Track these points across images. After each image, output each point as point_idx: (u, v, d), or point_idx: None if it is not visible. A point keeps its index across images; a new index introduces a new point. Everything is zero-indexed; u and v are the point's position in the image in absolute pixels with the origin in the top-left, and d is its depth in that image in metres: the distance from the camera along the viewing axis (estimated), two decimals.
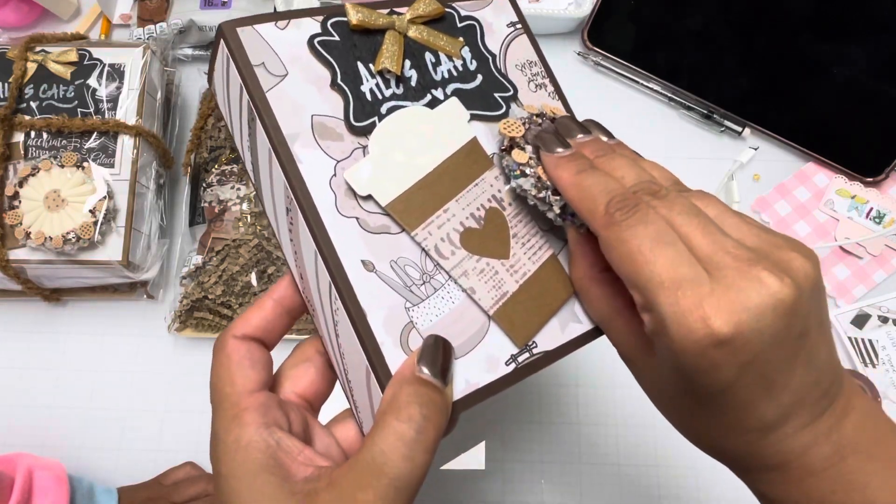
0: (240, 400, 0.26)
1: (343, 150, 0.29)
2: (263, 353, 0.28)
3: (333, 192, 0.28)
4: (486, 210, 0.31)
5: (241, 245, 0.54)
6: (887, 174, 0.60)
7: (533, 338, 0.30)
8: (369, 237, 0.28)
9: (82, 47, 0.54)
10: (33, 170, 0.50)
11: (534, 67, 0.34)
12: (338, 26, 0.30)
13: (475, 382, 0.28)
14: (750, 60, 0.62)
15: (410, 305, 0.28)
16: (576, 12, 0.61)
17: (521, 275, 0.30)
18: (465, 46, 0.33)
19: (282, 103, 0.28)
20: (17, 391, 0.56)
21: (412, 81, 0.31)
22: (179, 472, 0.52)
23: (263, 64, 0.28)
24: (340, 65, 0.30)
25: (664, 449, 0.54)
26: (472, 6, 0.35)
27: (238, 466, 0.24)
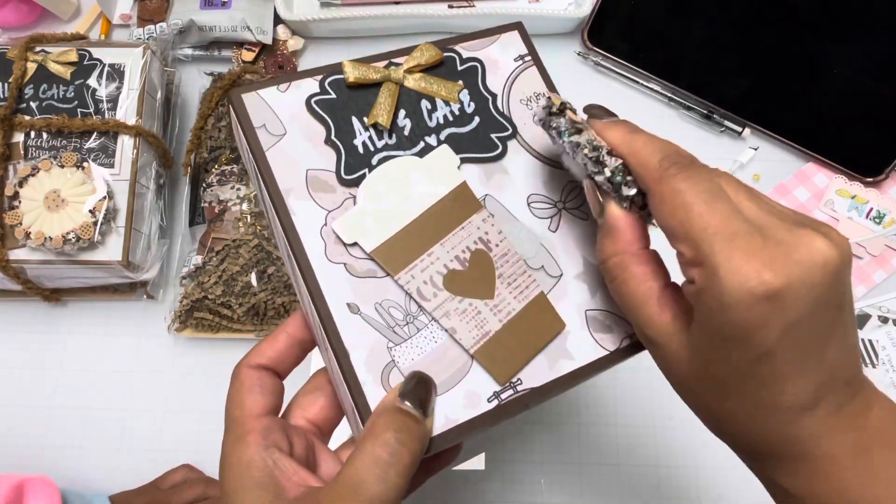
0: (245, 422, 0.28)
1: (334, 201, 0.31)
2: (274, 381, 0.31)
3: (323, 240, 0.31)
4: (471, 252, 0.32)
5: (241, 245, 0.54)
6: (887, 174, 0.60)
7: (517, 375, 0.31)
8: (356, 281, 0.31)
9: (82, 47, 0.54)
10: (33, 170, 0.50)
11: (540, 100, 0.35)
12: (335, 84, 0.33)
13: (455, 419, 0.29)
14: (750, 60, 0.62)
15: (393, 345, 0.30)
16: (576, 12, 0.61)
17: (506, 314, 0.32)
18: (464, 90, 0.35)
19: (279, 160, 0.31)
20: (17, 391, 0.56)
21: (406, 130, 0.33)
22: (177, 474, 0.52)
23: (265, 125, 0.32)
24: (335, 121, 0.32)
25: (664, 449, 0.54)
26: (476, 45, 0.36)
27: (238, 482, 0.27)
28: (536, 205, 0.34)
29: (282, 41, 0.64)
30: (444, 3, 0.62)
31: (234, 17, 0.60)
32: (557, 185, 0.35)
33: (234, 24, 0.60)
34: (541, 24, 0.63)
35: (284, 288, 0.54)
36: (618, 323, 0.33)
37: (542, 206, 0.34)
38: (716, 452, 0.54)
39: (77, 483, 0.54)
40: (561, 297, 0.33)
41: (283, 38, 0.64)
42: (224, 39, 0.62)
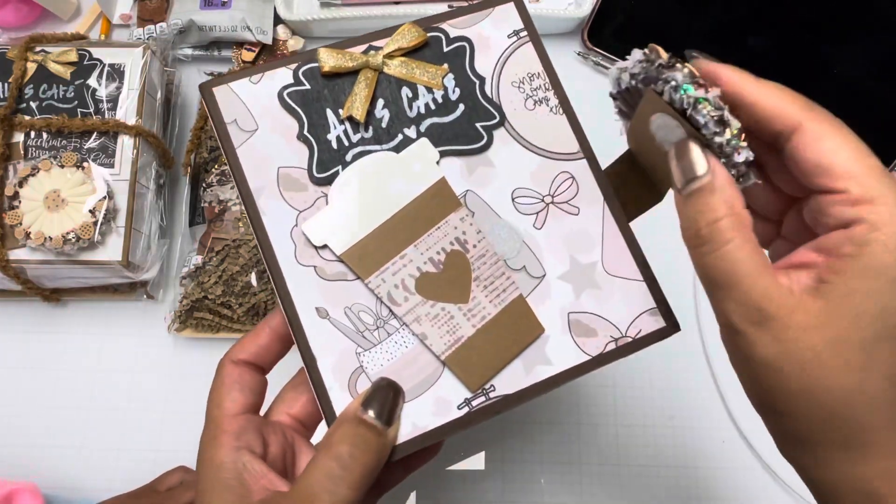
0: (221, 422, 0.29)
1: (306, 200, 0.30)
2: (254, 378, 0.31)
3: (294, 242, 0.30)
4: (447, 253, 0.31)
5: (241, 245, 0.54)
6: None
7: (490, 381, 0.30)
8: (325, 285, 0.30)
9: (82, 47, 0.54)
10: (33, 170, 0.50)
11: (535, 80, 0.33)
12: (310, 74, 0.31)
13: (423, 426, 0.29)
14: (750, 60, 0.62)
15: (362, 350, 0.29)
16: (576, 12, 0.61)
17: (480, 319, 0.30)
18: (449, 73, 0.33)
19: (250, 158, 0.30)
20: (17, 391, 0.56)
21: (383, 122, 0.31)
22: (173, 477, 0.51)
23: (235, 121, 0.30)
24: (308, 114, 0.31)
25: (664, 449, 0.54)
26: (465, 22, 0.33)
27: (209, 483, 0.28)
28: (522, 199, 0.32)
29: (282, 41, 0.64)
30: (444, 3, 0.62)
31: (234, 17, 0.60)
32: (547, 176, 0.33)
33: (234, 24, 0.60)
34: (541, 24, 0.62)
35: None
36: (602, 326, 0.31)
37: (528, 201, 0.32)
38: (716, 452, 0.54)
39: (77, 483, 0.54)
40: (543, 298, 0.31)
41: (283, 38, 0.64)
42: (224, 39, 0.62)
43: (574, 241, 0.32)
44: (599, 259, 0.32)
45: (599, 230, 0.32)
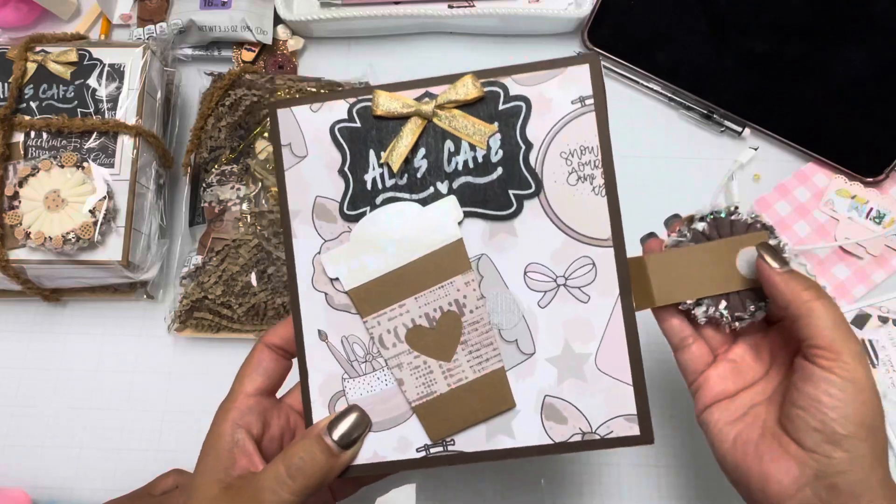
0: (235, 398, 0.33)
1: (333, 231, 0.32)
2: (278, 363, 0.34)
3: (314, 266, 0.32)
4: (442, 312, 0.32)
5: (241, 245, 0.54)
6: (887, 174, 0.60)
7: (451, 437, 0.32)
8: (331, 312, 0.32)
9: (82, 47, 0.54)
10: (33, 170, 0.50)
11: (586, 155, 0.33)
12: (363, 112, 0.32)
13: (382, 456, 0.32)
14: (750, 60, 0.62)
15: (347, 378, 0.32)
16: (576, 12, 0.61)
17: (457, 380, 0.32)
18: (497, 134, 0.32)
19: (295, 182, 0.32)
20: (17, 391, 0.56)
21: (419, 172, 0.32)
22: (167, 480, 0.51)
23: (290, 145, 0.33)
24: (352, 152, 0.32)
25: (664, 449, 0.54)
26: (530, 79, 0.32)
27: (208, 446, 0.33)
28: (534, 275, 0.32)
29: (282, 41, 0.64)
30: (444, 3, 0.62)
31: (234, 17, 0.60)
32: (567, 256, 0.32)
33: (234, 24, 0.60)
34: (541, 25, 0.63)
35: (284, 288, 0.53)
36: (575, 416, 0.32)
37: (541, 278, 0.32)
38: None
39: (76, 483, 0.54)
40: (524, 375, 0.32)
41: (283, 38, 0.64)
42: (224, 39, 0.62)
43: (574, 328, 0.32)
44: (594, 352, 0.32)
45: (604, 323, 0.32)
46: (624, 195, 0.61)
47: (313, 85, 0.58)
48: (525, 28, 0.64)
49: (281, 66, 0.63)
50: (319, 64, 0.64)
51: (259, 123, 0.57)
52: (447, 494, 0.53)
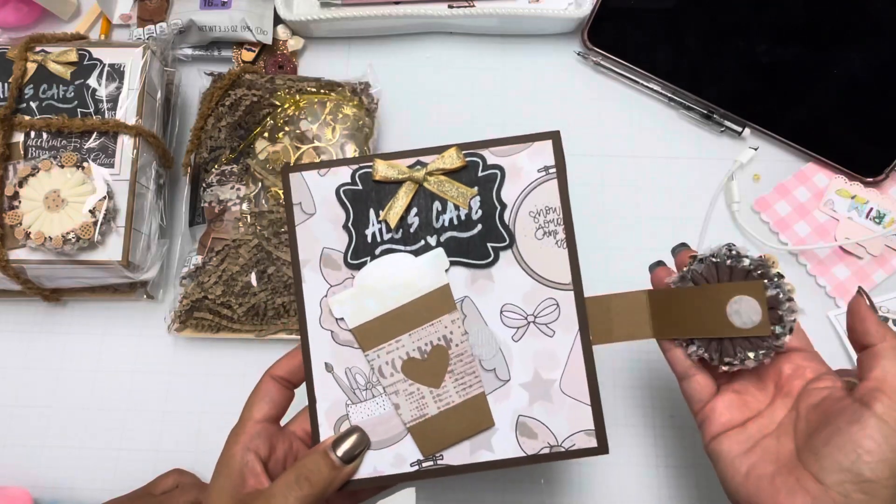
0: (246, 424, 0.37)
1: (338, 277, 0.38)
2: (282, 393, 0.38)
3: (321, 308, 0.38)
4: (433, 346, 0.37)
5: (241, 245, 0.54)
6: (887, 174, 0.60)
7: (440, 452, 0.37)
8: (336, 347, 0.38)
9: (82, 47, 0.54)
10: (33, 170, 0.50)
11: (550, 214, 0.38)
12: (364, 177, 0.38)
13: (380, 470, 0.37)
14: (750, 60, 0.62)
15: (350, 403, 0.37)
16: (576, 12, 0.61)
17: (445, 403, 0.37)
18: (477, 196, 0.38)
19: (305, 235, 0.38)
20: (17, 391, 0.56)
21: (412, 228, 0.38)
22: (168, 480, 0.51)
23: (300, 203, 0.38)
24: (355, 210, 0.38)
25: (664, 449, 0.54)
26: (504, 151, 0.38)
27: (221, 466, 0.36)
28: (509, 314, 0.38)
29: (282, 41, 0.64)
30: (444, 3, 0.62)
31: (234, 17, 0.60)
32: (536, 298, 0.38)
33: (233, 24, 0.60)
34: (541, 24, 0.63)
35: (284, 288, 0.54)
36: (544, 433, 0.37)
37: (514, 317, 0.38)
38: None
39: (76, 483, 0.54)
40: (502, 398, 0.37)
41: (283, 38, 0.64)
42: (224, 39, 0.62)
43: (542, 359, 0.38)
44: (559, 378, 0.38)
45: (566, 354, 0.38)
46: (624, 195, 0.61)
47: (313, 85, 0.58)
48: (525, 28, 0.64)
49: (281, 66, 0.63)
50: (319, 64, 0.64)
51: (259, 123, 0.57)
52: (447, 495, 0.53)
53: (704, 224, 0.60)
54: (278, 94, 0.58)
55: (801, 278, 0.59)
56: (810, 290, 0.59)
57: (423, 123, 0.63)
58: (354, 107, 0.58)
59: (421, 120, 0.63)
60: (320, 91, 0.58)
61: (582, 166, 0.61)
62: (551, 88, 0.64)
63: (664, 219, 0.60)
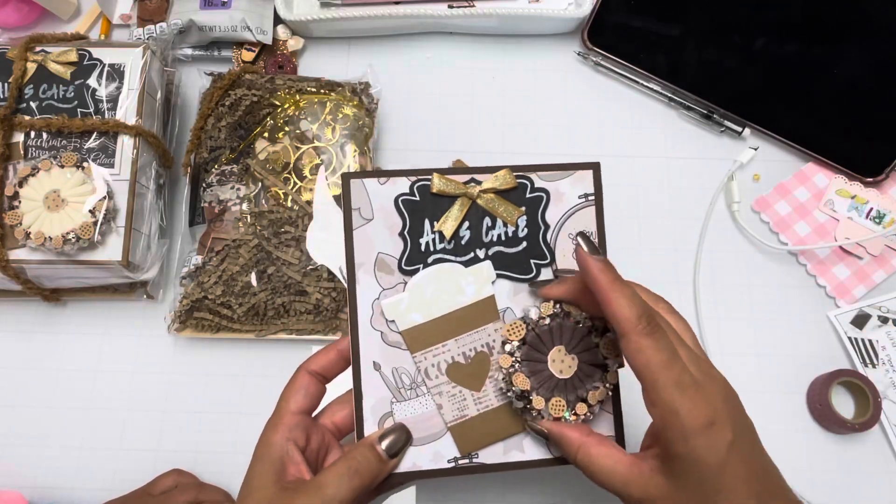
0: (283, 414, 0.38)
1: (391, 282, 0.39)
2: (317, 386, 0.40)
3: (373, 310, 0.39)
4: (476, 352, 0.40)
5: (241, 245, 0.54)
6: (887, 174, 0.60)
7: (476, 451, 0.39)
8: (385, 347, 0.39)
9: (82, 47, 0.54)
10: (33, 170, 0.50)
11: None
12: (422, 189, 0.40)
13: (419, 466, 0.39)
14: (750, 60, 0.62)
15: (395, 401, 0.39)
16: (576, 12, 0.61)
17: (484, 406, 0.39)
18: (524, 216, 0.40)
19: (361, 239, 0.39)
20: (17, 391, 0.56)
21: (464, 240, 0.40)
22: (167, 480, 0.51)
23: (359, 209, 0.40)
24: (411, 220, 0.40)
25: None
26: (550, 176, 0.41)
27: (260, 454, 0.37)
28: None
29: (282, 41, 0.64)
30: (444, 3, 0.62)
31: (234, 17, 0.60)
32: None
33: (233, 24, 0.60)
34: (541, 25, 0.63)
35: (284, 288, 0.54)
36: None
37: None
38: None
39: (76, 483, 0.54)
40: None
41: (283, 38, 0.64)
42: (224, 39, 0.62)
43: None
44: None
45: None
46: (624, 195, 0.61)
47: (313, 85, 0.58)
48: (525, 28, 0.64)
49: (281, 66, 0.63)
50: (319, 64, 0.64)
51: (259, 123, 0.57)
52: (448, 495, 0.53)
53: (704, 224, 0.60)
54: (278, 94, 0.58)
55: (801, 278, 0.59)
56: (810, 290, 0.59)
57: (423, 123, 0.63)
58: (354, 107, 0.58)
59: (421, 120, 0.63)
60: (320, 91, 0.58)
61: None
62: (551, 88, 0.64)
63: (664, 219, 0.60)
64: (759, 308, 0.58)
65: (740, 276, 0.59)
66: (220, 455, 0.54)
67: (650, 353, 0.32)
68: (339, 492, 0.35)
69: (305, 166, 0.56)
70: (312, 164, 0.56)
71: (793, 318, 0.58)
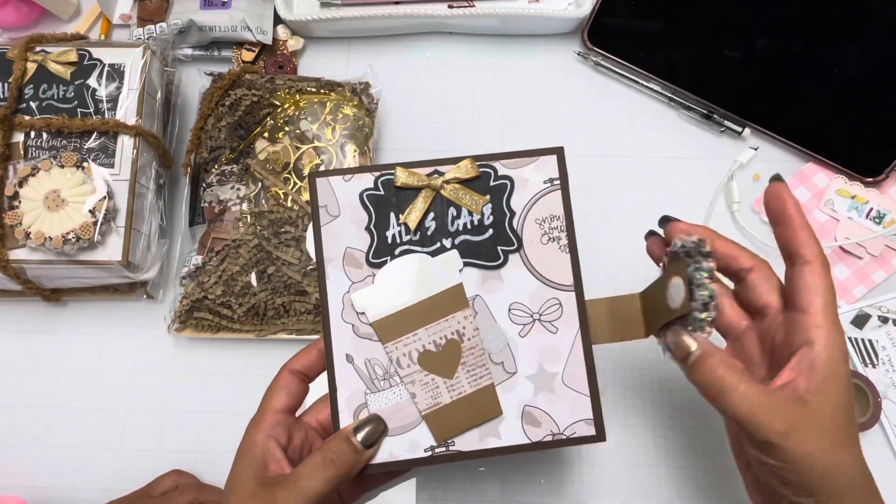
0: (266, 413, 0.39)
1: (360, 275, 0.40)
2: (299, 386, 0.41)
3: (343, 304, 0.40)
4: (447, 340, 0.40)
5: (241, 245, 0.54)
6: (887, 174, 0.60)
7: (452, 438, 0.40)
8: (357, 339, 0.40)
9: (82, 47, 0.54)
10: (33, 170, 0.50)
11: (554, 221, 0.41)
12: (385, 183, 0.41)
13: (396, 455, 0.39)
14: (750, 60, 0.62)
15: (369, 392, 0.40)
16: (576, 12, 0.61)
17: (457, 393, 0.40)
18: (489, 204, 0.41)
19: (329, 235, 0.40)
20: (17, 391, 0.56)
21: (429, 231, 0.41)
22: (167, 480, 0.51)
23: (326, 206, 0.41)
24: (377, 213, 0.41)
25: (664, 449, 0.54)
26: (513, 164, 0.41)
27: (242, 453, 0.38)
28: (516, 312, 0.41)
29: (282, 41, 0.64)
30: (444, 3, 0.62)
31: (234, 17, 0.60)
32: (540, 298, 0.41)
33: (233, 24, 0.61)
34: (541, 24, 0.63)
35: (284, 288, 0.54)
36: (547, 421, 0.40)
37: (521, 314, 0.41)
38: (715, 453, 0.54)
39: (77, 483, 0.54)
40: (509, 389, 0.40)
41: (283, 38, 0.64)
42: (224, 39, 0.62)
43: (546, 353, 0.41)
44: (561, 371, 0.40)
45: (568, 349, 0.41)
46: (624, 195, 0.61)
47: (313, 85, 0.58)
48: (525, 28, 0.64)
49: (281, 66, 0.63)
50: (319, 64, 0.64)
51: (259, 123, 0.57)
52: (448, 495, 0.53)
53: (705, 224, 0.60)
54: (278, 94, 0.58)
55: None
56: None
57: (422, 123, 0.63)
58: (354, 107, 0.58)
59: (421, 120, 0.63)
60: (320, 91, 0.58)
61: (582, 166, 0.61)
62: (551, 88, 0.64)
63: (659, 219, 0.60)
64: None
65: None
66: (220, 455, 0.54)
67: (829, 283, 0.36)
68: (314, 483, 0.36)
69: (305, 166, 0.56)
70: (312, 164, 0.56)
71: None
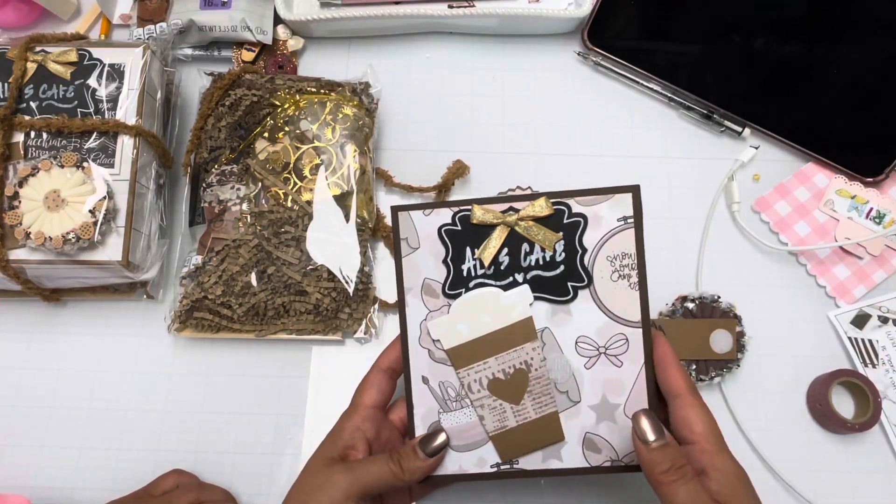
0: (357, 408, 0.44)
1: (436, 304, 0.43)
2: (388, 383, 0.45)
3: (421, 330, 0.44)
4: (515, 369, 0.43)
5: (241, 245, 0.54)
6: (887, 174, 0.60)
7: (517, 458, 0.43)
8: (432, 363, 0.44)
9: (82, 47, 0.54)
10: (33, 170, 0.50)
11: (625, 259, 0.42)
12: (463, 219, 0.43)
13: (465, 469, 0.43)
14: (750, 60, 0.62)
15: (442, 412, 0.44)
16: (576, 12, 0.61)
17: (523, 418, 0.43)
18: (561, 241, 0.42)
19: (409, 266, 0.44)
20: (17, 391, 0.56)
21: (503, 266, 0.43)
22: (168, 480, 0.50)
23: (407, 239, 0.44)
24: (454, 247, 0.43)
25: None
26: (588, 201, 0.42)
27: (327, 436, 0.43)
28: (583, 345, 0.43)
29: (282, 41, 0.64)
30: (444, 3, 0.62)
31: (234, 17, 0.60)
32: (607, 332, 0.42)
33: (233, 24, 0.60)
34: (541, 24, 0.63)
35: (284, 288, 0.54)
36: (607, 448, 0.43)
37: (587, 347, 0.43)
38: None
39: (77, 483, 0.54)
40: (572, 416, 0.43)
41: (282, 38, 0.64)
42: (224, 39, 0.62)
43: (610, 385, 0.43)
44: (623, 403, 0.43)
45: (631, 384, 0.43)
46: None
47: (313, 85, 0.58)
48: (525, 28, 0.64)
49: (281, 66, 0.63)
50: (319, 64, 0.64)
51: (259, 123, 0.57)
52: (449, 494, 0.53)
53: (705, 224, 0.60)
54: (278, 94, 0.58)
55: (801, 278, 0.59)
56: (810, 290, 0.59)
57: (423, 123, 0.63)
58: (354, 107, 0.58)
59: (421, 120, 0.63)
60: (320, 91, 0.58)
61: (581, 166, 0.61)
62: (551, 88, 0.64)
63: (664, 219, 0.60)
64: (759, 308, 0.58)
65: (740, 276, 0.59)
66: (220, 455, 0.54)
67: (704, 409, 0.39)
68: (371, 477, 0.40)
69: (305, 166, 0.56)
70: (312, 164, 0.56)
71: (793, 319, 0.58)
